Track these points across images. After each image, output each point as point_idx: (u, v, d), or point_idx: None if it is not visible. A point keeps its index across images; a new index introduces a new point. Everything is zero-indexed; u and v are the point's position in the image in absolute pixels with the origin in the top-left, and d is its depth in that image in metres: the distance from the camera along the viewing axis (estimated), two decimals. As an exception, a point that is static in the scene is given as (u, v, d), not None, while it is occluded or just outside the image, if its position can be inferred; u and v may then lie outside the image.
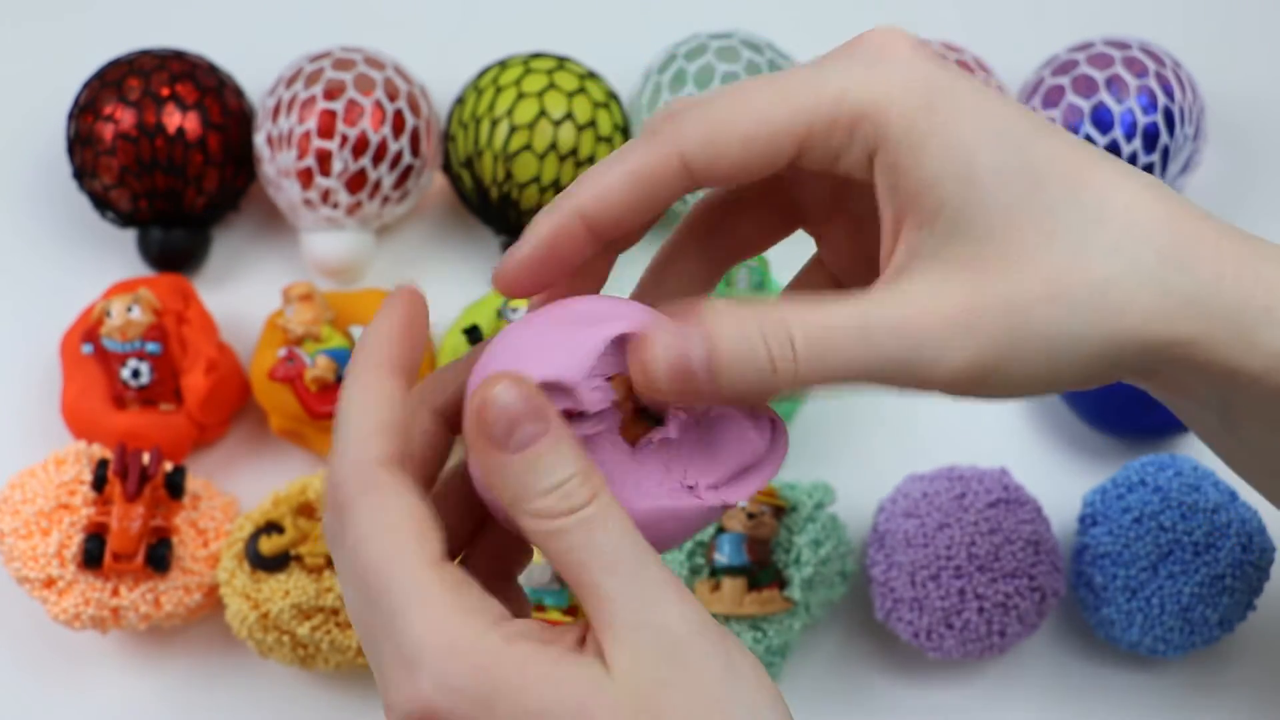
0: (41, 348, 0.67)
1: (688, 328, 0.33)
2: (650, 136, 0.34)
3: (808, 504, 0.58)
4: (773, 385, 0.33)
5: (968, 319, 0.33)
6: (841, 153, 0.34)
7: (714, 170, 0.34)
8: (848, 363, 0.33)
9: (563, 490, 0.31)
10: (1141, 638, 0.58)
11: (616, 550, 0.31)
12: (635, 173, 0.34)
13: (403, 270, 0.70)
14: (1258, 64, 0.74)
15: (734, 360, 0.32)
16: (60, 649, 0.62)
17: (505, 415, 0.31)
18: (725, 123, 0.34)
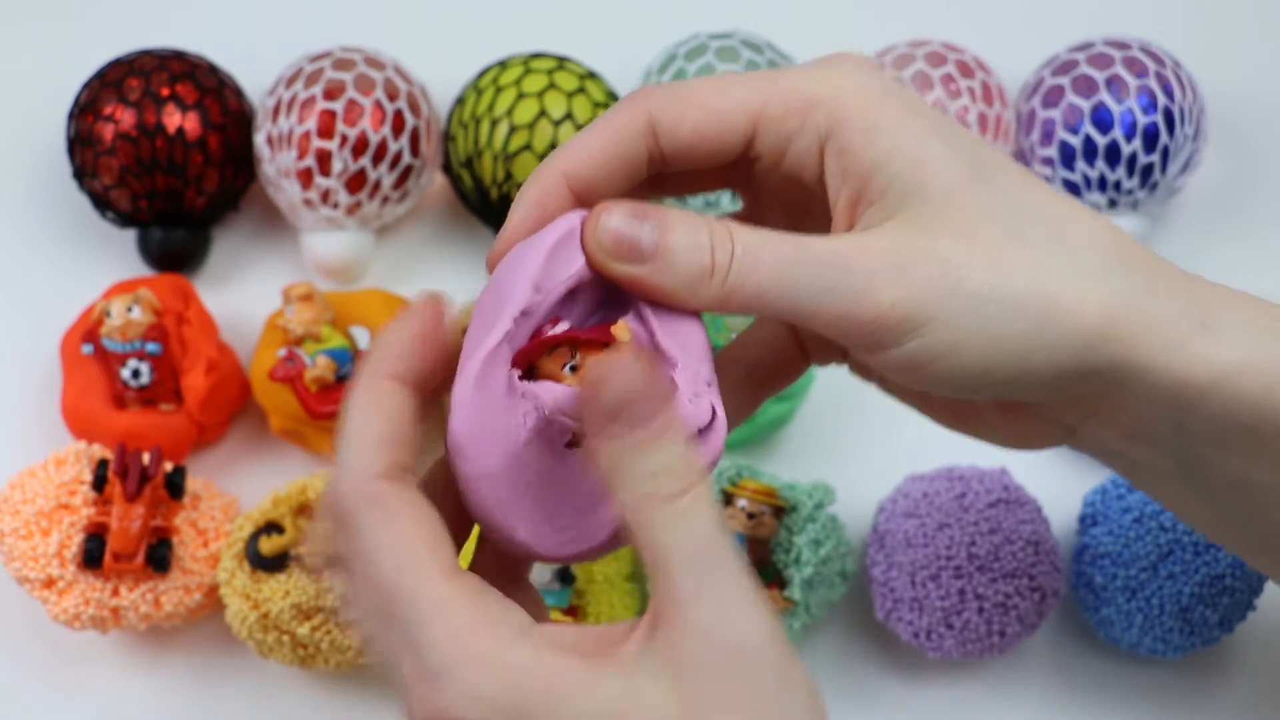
0: (41, 348, 0.67)
1: (645, 208, 0.34)
2: (620, 103, 0.36)
3: (808, 504, 0.58)
4: (708, 288, 0.34)
5: (901, 260, 0.34)
6: (794, 136, 0.36)
7: (678, 130, 0.36)
8: (777, 276, 0.34)
9: (663, 479, 0.31)
10: (1141, 638, 0.58)
11: (702, 547, 0.31)
12: (607, 130, 0.36)
13: (403, 270, 0.70)
14: (1258, 64, 0.74)
15: (680, 248, 0.34)
16: (60, 649, 0.62)
17: (625, 390, 0.31)
18: (689, 92, 0.36)
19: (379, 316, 0.64)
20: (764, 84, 0.36)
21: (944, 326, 0.33)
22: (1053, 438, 0.39)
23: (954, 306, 0.33)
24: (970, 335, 0.34)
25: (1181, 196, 0.70)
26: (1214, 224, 0.70)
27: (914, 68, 0.66)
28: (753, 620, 0.31)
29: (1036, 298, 0.34)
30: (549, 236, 0.34)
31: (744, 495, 0.57)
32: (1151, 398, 0.35)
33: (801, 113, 0.35)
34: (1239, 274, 0.38)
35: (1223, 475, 0.36)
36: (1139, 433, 0.37)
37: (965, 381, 0.34)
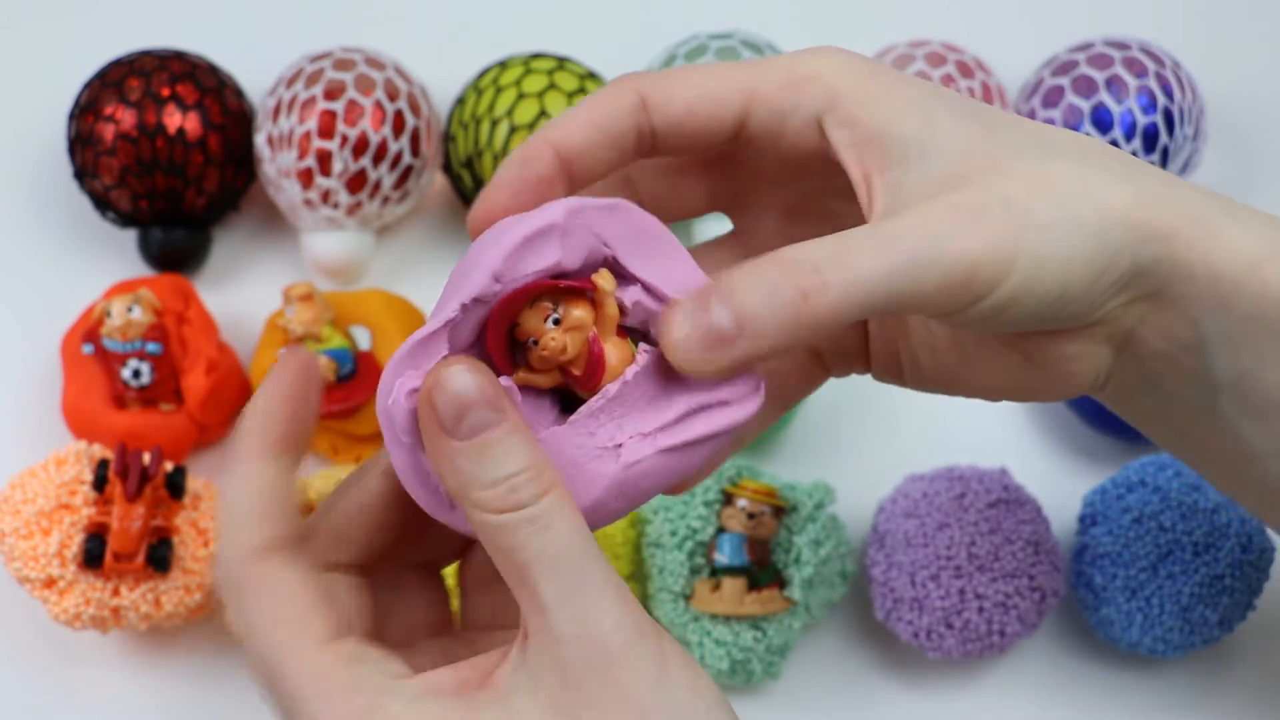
0: (42, 348, 0.67)
1: (702, 292, 0.33)
2: (613, 81, 0.36)
3: (808, 504, 0.58)
4: (809, 314, 0.32)
5: (973, 211, 0.34)
6: (789, 113, 0.35)
7: (669, 106, 0.35)
8: (875, 268, 0.32)
9: (510, 484, 0.31)
10: (1141, 638, 0.58)
11: (559, 554, 0.31)
12: (596, 103, 0.36)
13: (403, 270, 0.70)
14: (1258, 64, 0.74)
15: (760, 303, 0.32)
16: (61, 649, 0.62)
17: (457, 400, 0.31)
18: (680, 74, 0.36)
19: (379, 316, 0.64)
20: (755, 65, 0.36)
21: (1028, 261, 0.34)
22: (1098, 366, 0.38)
23: (1031, 238, 0.34)
24: (1050, 262, 0.34)
25: (1181, 196, 0.70)
26: (1214, 224, 0.70)
27: (914, 68, 0.66)
28: (616, 619, 0.31)
29: (1092, 210, 0.34)
30: (524, 226, 0.33)
31: (744, 495, 0.57)
32: (1192, 293, 0.35)
33: (796, 88, 0.35)
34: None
35: (1257, 391, 0.36)
36: (1181, 342, 0.37)
37: (1044, 309, 0.35)
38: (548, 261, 0.33)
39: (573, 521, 0.31)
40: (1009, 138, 0.35)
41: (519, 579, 0.31)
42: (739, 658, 0.57)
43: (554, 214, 0.33)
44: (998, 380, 0.40)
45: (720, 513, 0.58)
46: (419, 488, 0.33)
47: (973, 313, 0.34)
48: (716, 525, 0.58)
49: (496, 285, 0.32)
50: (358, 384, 0.62)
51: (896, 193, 0.34)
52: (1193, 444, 0.40)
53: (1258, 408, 0.37)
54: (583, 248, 0.34)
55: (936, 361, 0.41)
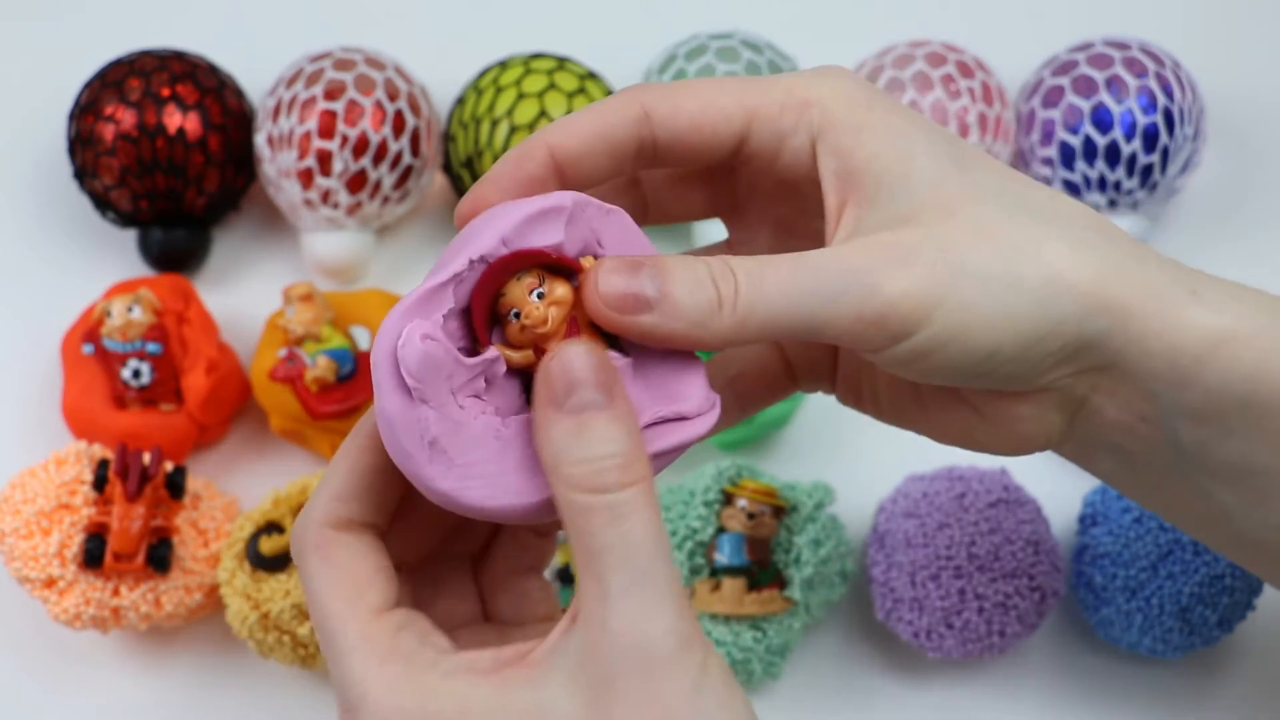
0: (42, 348, 0.67)
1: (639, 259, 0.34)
2: (618, 92, 0.37)
3: (808, 504, 0.58)
4: (719, 322, 0.34)
5: (902, 251, 0.34)
6: (788, 135, 0.36)
7: (674, 120, 0.36)
8: (784, 291, 0.34)
9: (599, 465, 0.32)
10: (1141, 638, 0.58)
11: (633, 548, 0.31)
12: (599, 111, 0.36)
13: (403, 270, 0.70)
14: (1258, 64, 0.74)
15: (683, 289, 0.34)
16: (61, 649, 0.62)
17: (570, 375, 0.32)
18: (685, 88, 0.37)
19: (379, 316, 0.64)
20: (758, 84, 0.37)
21: (953, 309, 0.34)
22: (1050, 429, 0.38)
23: (960, 287, 0.34)
24: (977, 316, 0.34)
25: (1181, 197, 0.70)
26: (1214, 224, 0.70)
27: (914, 68, 0.66)
28: (669, 624, 0.31)
29: (1036, 271, 0.34)
30: (534, 204, 0.34)
31: (744, 495, 0.57)
32: (1149, 369, 0.35)
33: (796, 110, 0.36)
34: (1239, 274, 0.38)
35: (1222, 460, 0.36)
36: (1137, 414, 0.36)
37: (974, 365, 0.35)
38: (551, 240, 0.34)
39: (651, 520, 0.32)
40: (978, 185, 0.35)
41: (588, 562, 0.32)
42: (739, 658, 0.57)
43: (563, 199, 0.34)
44: (950, 429, 0.40)
45: (720, 513, 0.58)
46: (403, 438, 0.33)
47: (893, 354, 0.35)
48: (716, 525, 0.58)
49: (503, 249, 0.34)
50: (358, 384, 0.62)
51: (855, 227, 0.35)
52: (1161, 502, 0.40)
53: (1227, 473, 0.36)
54: (580, 239, 0.35)
55: (894, 398, 0.41)
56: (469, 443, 0.33)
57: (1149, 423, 0.36)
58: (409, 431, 0.33)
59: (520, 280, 0.34)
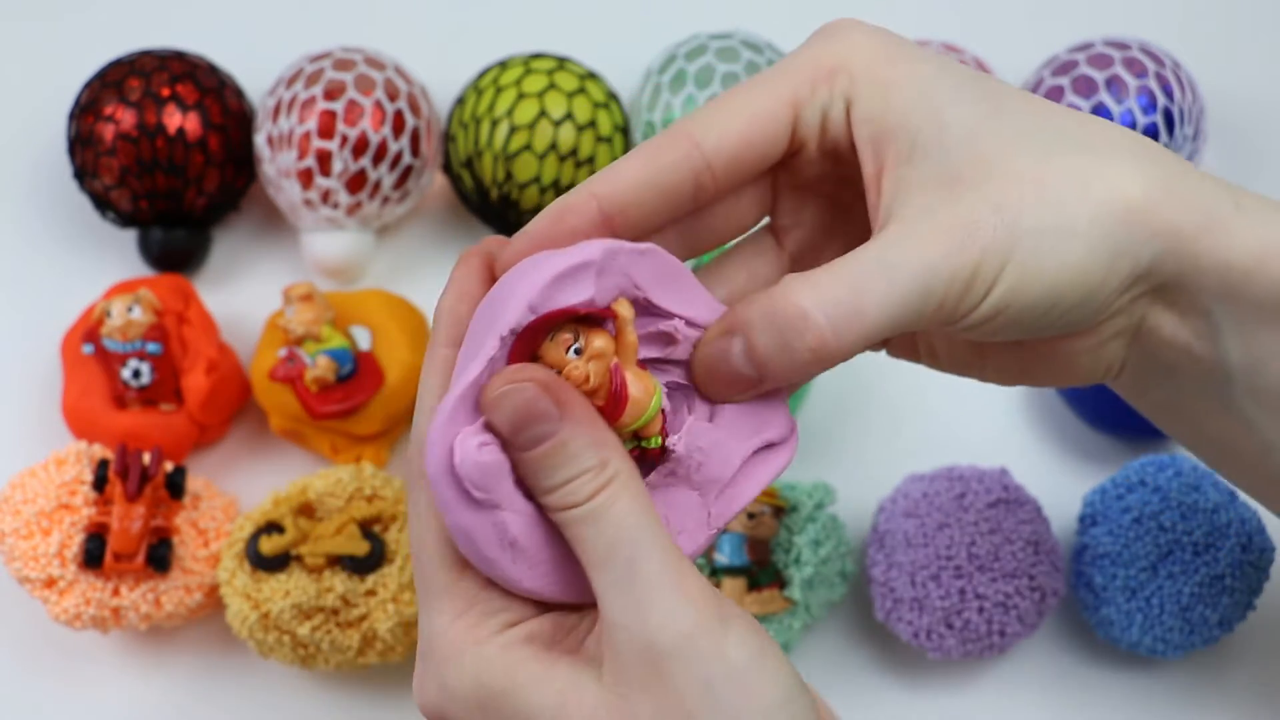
0: (42, 348, 0.67)
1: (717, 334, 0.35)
2: (662, 131, 0.36)
3: (808, 504, 0.58)
4: (824, 360, 0.34)
5: (965, 227, 0.34)
6: (828, 109, 0.36)
7: (725, 143, 0.35)
8: (883, 310, 0.34)
9: (568, 488, 0.32)
10: (1141, 638, 0.58)
11: (609, 548, 0.32)
12: (647, 153, 0.35)
13: (403, 270, 0.70)
14: (1258, 64, 0.74)
15: (775, 354, 0.34)
16: (61, 649, 0.62)
17: (512, 419, 0.32)
18: (723, 107, 0.36)
19: (379, 316, 0.64)
20: (786, 72, 0.36)
21: (1013, 273, 0.34)
22: (1110, 359, 0.38)
23: (1022, 247, 0.34)
24: (1037, 273, 0.34)
25: (1181, 196, 0.70)
26: (1214, 224, 0.70)
27: (914, 68, 0.66)
28: (664, 616, 0.32)
29: (1085, 212, 0.34)
30: (562, 260, 0.33)
31: (744, 495, 0.57)
32: (1201, 285, 0.35)
33: (827, 81, 0.36)
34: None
35: (1271, 384, 0.36)
36: (1190, 333, 0.37)
37: (1037, 319, 0.35)
38: (581, 297, 0.33)
39: (625, 517, 0.32)
40: (1013, 128, 0.35)
41: (587, 568, 0.33)
42: (739, 658, 0.57)
43: (591, 252, 0.33)
44: (1010, 371, 0.41)
45: (720, 513, 0.58)
46: (483, 548, 0.33)
47: (968, 321, 0.35)
48: (716, 525, 0.58)
49: (531, 317, 0.33)
50: (358, 384, 0.62)
51: (898, 190, 0.35)
52: (1206, 436, 0.40)
53: (1271, 399, 0.37)
54: (614, 287, 0.34)
55: (952, 350, 0.41)
56: (548, 535, 0.34)
57: (1202, 339, 0.36)
58: (488, 540, 0.33)
59: (554, 340, 0.33)
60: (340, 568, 0.57)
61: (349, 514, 0.58)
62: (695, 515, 0.35)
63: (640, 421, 0.34)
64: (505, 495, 0.33)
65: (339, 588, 0.56)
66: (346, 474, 0.59)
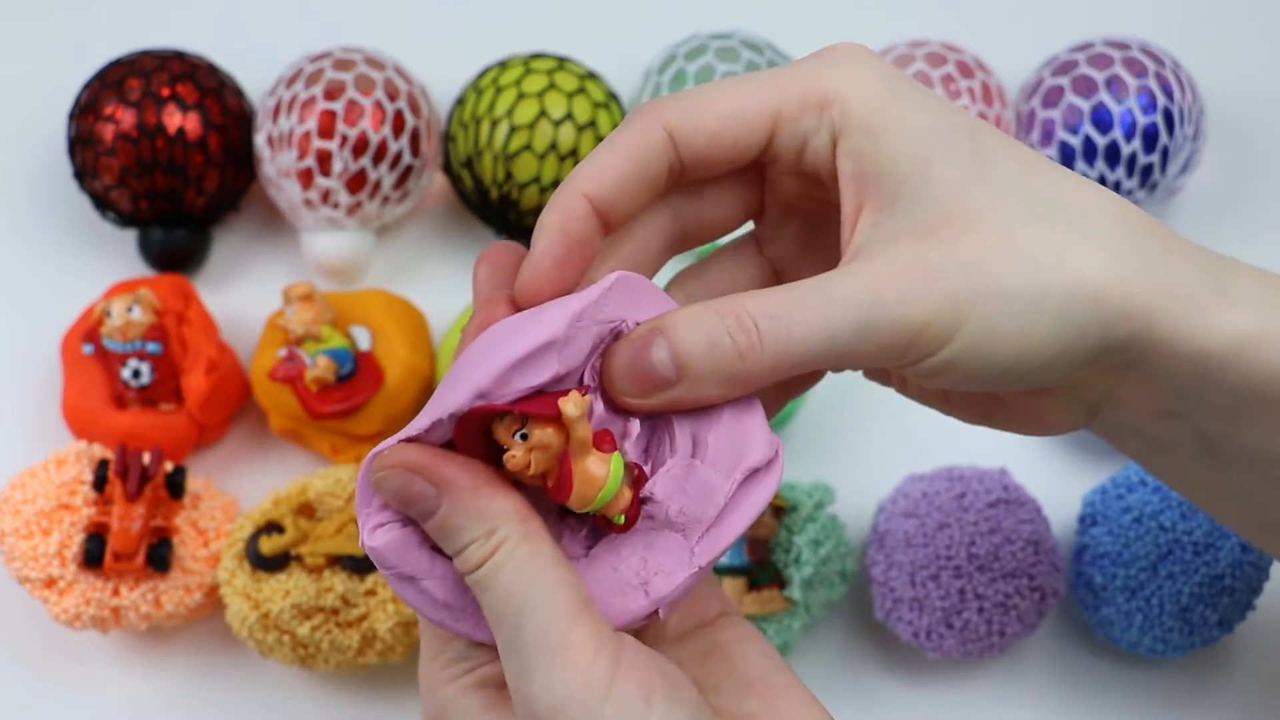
0: (42, 348, 0.67)
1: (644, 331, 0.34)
2: (635, 116, 0.36)
3: (808, 504, 0.58)
4: (744, 371, 0.34)
5: (926, 274, 0.33)
6: (810, 135, 0.36)
7: (696, 139, 0.35)
8: (811, 333, 0.33)
9: (464, 556, 0.33)
10: (1141, 638, 0.58)
11: (499, 613, 0.33)
12: (626, 146, 0.35)
13: (403, 270, 0.70)
14: (1258, 64, 0.74)
15: (698, 352, 0.33)
16: (61, 649, 0.62)
17: (394, 498, 0.34)
18: (705, 99, 0.36)
19: (379, 316, 0.64)
20: (778, 84, 0.36)
21: (975, 329, 0.33)
22: (1075, 419, 0.38)
23: (983, 307, 0.33)
24: (1000, 334, 0.33)
25: (1181, 196, 0.70)
26: (1214, 224, 0.70)
27: (914, 68, 0.66)
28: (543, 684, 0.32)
29: (1059, 283, 0.33)
30: (520, 344, 0.33)
31: (744, 495, 0.57)
32: (1173, 369, 0.34)
33: (816, 109, 0.35)
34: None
35: (1242, 449, 0.36)
36: (1161, 408, 0.36)
37: (996, 375, 0.34)
38: (543, 378, 0.33)
39: (509, 584, 0.33)
40: (1000, 187, 0.34)
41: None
42: (739, 658, 0.57)
43: (555, 327, 0.33)
44: (974, 414, 0.40)
45: (720, 513, 0.58)
46: (427, 612, 0.35)
47: (917, 369, 0.34)
48: (716, 525, 0.58)
49: (479, 401, 0.33)
50: (358, 384, 0.62)
51: (871, 234, 0.35)
52: (1185, 483, 0.40)
53: (1248, 460, 0.36)
54: (587, 340, 0.34)
55: (918, 384, 0.41)
56: None
57: (1173, 416, 0.36)
58: (424, 605, 0.35)
59: (504, 421, 0.33)
60: (340, 568, 0.57)
61: (349, 514, 0.58)
62: (676, 556, 0.35)
63: (596, 504, 0.34)
64: (420, 564, 0.34)
65: (339, 588, 0.56)
66: (346, 474, 0.59)
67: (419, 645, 0.59)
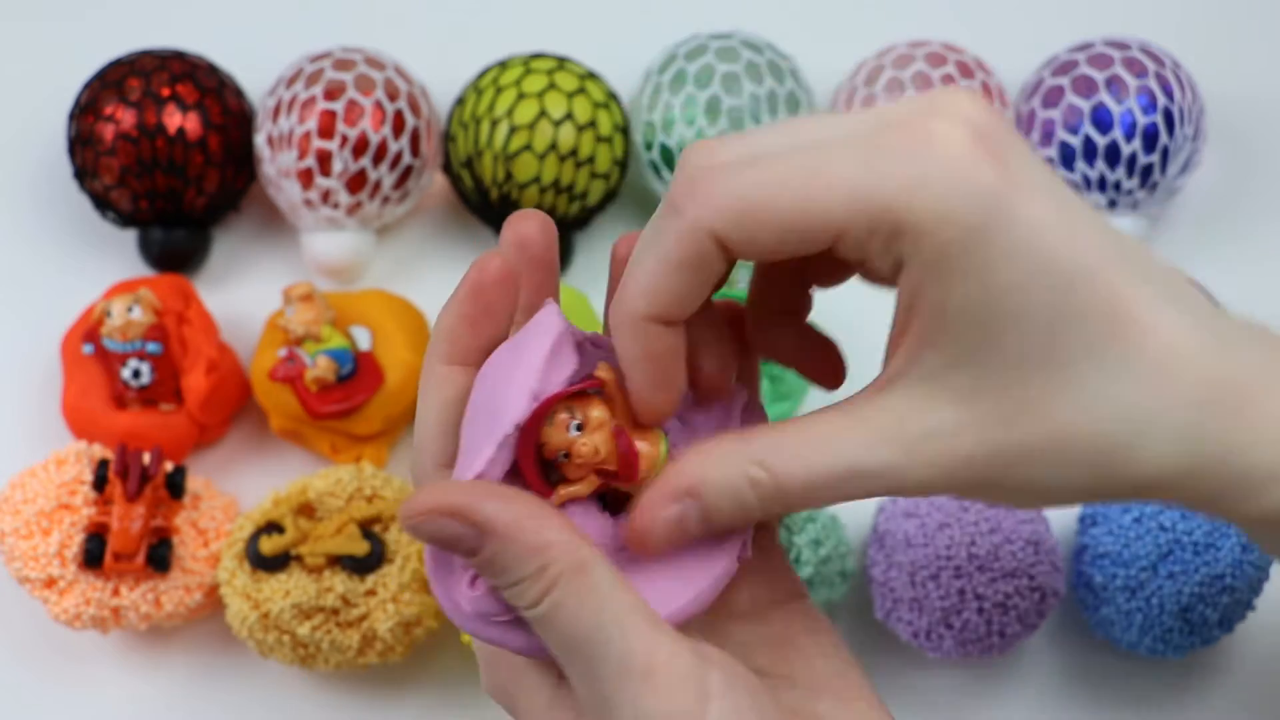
0: (42, 348, 0.67)
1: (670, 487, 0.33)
2: (676, 215, 0.32)
3: (808, 504, 0.58)
4: (758, 519, 0.34)
5: (952, 467, 0.32)
6: (874, 258, 0.32)
7: (748, 252, 0.32)
8: (830, 497, 0.33)
9: (516, 590, 0.32)
10: (1141, 637, 0.58)
11: (567, 649, 0.32)
12: (674, 261, 0.32)
13: (403, 270, 0.70)
14: (1258, 64, 0.74)
15: (727, 514, 0.33)
16: (61, 649, 0.62)
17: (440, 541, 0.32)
18: (759, 205, 0.31)
19: (379, 316, 0.64)
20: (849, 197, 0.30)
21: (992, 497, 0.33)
22: None
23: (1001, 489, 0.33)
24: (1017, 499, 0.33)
25: (1181, 197, 0.70)
26: (1213, 224, 0.70)
27: (914, 68, 0.66)
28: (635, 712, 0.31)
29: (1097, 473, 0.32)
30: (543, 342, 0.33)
31: (744, 495, 0.57)
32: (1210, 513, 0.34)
33: (884, 240, 0.31)
34: (1238, 274, 0.38)
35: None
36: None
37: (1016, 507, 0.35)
38: (571, 368, 0.33)
39: (573, 620, 0.31)
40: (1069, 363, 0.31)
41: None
42: (739, 658, 0.57)
43: (555, 323, 0.33)
44: None
45: (720, 513, 0.58)
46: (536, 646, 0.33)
47: None
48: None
49: (536, 405, 0.32)
50: (358, 384, 0.62)
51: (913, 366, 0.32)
52: None
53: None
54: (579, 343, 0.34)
55: None
56: None
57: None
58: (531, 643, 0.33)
59: (553, 423, 0.33)
60: (340, 568, 0.57)
61: (349, 514, 0.58)
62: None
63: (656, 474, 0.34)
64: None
65: (339, 588, 0.56)
66: (346, 474, 0.59)
67: (419, 645, 0.59)
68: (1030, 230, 0.30)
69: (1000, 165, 0.30)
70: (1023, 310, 0.30)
